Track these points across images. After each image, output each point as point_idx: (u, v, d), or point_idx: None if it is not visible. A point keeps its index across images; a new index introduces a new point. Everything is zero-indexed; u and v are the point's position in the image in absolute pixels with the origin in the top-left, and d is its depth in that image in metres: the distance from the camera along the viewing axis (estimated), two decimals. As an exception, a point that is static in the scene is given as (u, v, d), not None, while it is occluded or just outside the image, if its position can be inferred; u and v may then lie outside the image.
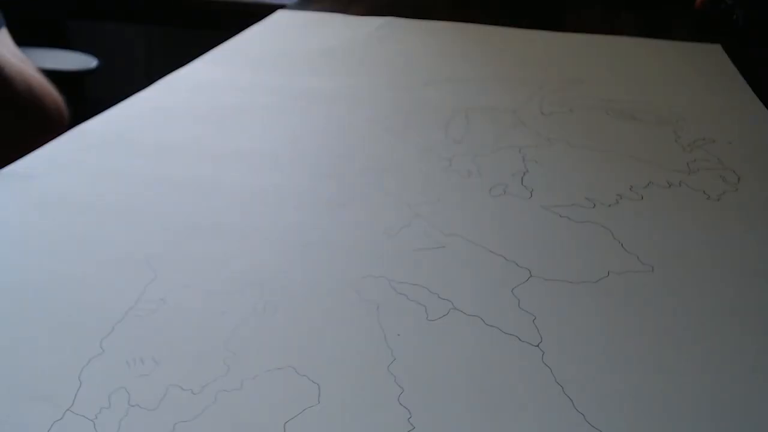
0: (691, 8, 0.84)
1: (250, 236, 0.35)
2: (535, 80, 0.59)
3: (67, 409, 0.24)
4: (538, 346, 0.28)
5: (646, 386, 0.26)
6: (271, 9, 0.81)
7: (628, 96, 0.56)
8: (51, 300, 0.30)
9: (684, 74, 0.62)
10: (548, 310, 0.30)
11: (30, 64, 0.57)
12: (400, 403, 0.25)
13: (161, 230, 0.35)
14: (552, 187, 0.41)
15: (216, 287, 0.31)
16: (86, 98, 1.46)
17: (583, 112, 0.52)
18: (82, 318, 0.29)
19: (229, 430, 0.24)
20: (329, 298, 0.31)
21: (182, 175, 0.41)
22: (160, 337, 0.28)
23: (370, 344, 0.28)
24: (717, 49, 0.69)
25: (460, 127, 0.49)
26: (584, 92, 0.56)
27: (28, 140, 0.43)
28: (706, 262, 0.34)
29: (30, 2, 1.26)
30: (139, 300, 0.30)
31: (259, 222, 0.37)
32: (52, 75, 0.60)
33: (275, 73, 0.60)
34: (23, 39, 0.63)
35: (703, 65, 0.65)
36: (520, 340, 0.28)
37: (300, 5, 0.85)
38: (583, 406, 0.25)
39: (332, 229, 0.36)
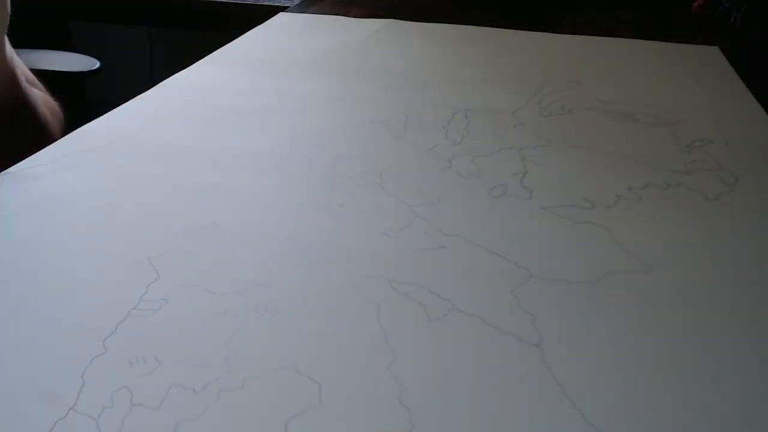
0: (688, 10, 0.84)
1: (252, 237, 0.35)
2: (534, 82, 0.59)
3: (71, 408, 0.24)
4: (538, 346, 0.28)
5: (646, 386, 0.26)
6: (272, 11, 0.82)
7: (627, 97, 0.56)
8: (54, 300, 0.30)
9: (682, 76, 0.63)
10: (548, 310, 0.30)
11: (24, 69, 0.57)
12: (401, 403, 0.25)
13: (163, 231, 0.36)
14: (551, 188, 0.41)
15: (217, 287, 0.31)
16: (88, 99, 1.46)
17: (582, 114, 0.53)
18: (84, 317, 0.29)
19: (231, 428, 0.24)
20: (330, 298, 0.31)
21: (183, 177, 0.41)
22: (162, 337, 0.28)
23: (371, 344, 0.28)
24: (714, 50, 0.69)
25: (459, 129, 0.49)
26: (583, 94, 0.57)
27: (24, 150, 0.43)
28: (705, 263, 0.34)
29: (32, 3, 1.26)
30: (141, 300, 0.30)
31: (260, 222, 0.37)
32: (55, 76, 0.60)
33: (276, 75, 0.60)
34: (25, 40, 0.63)
35: (700, 67, 0.65)
36: (519, 340, 0.28)
37: (301, 8, 0.85)
38: (583, 406, 0.25)
39: (333, 229, 0.36)
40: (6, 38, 0.48)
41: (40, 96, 0.56)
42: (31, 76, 0.58)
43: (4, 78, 0.49)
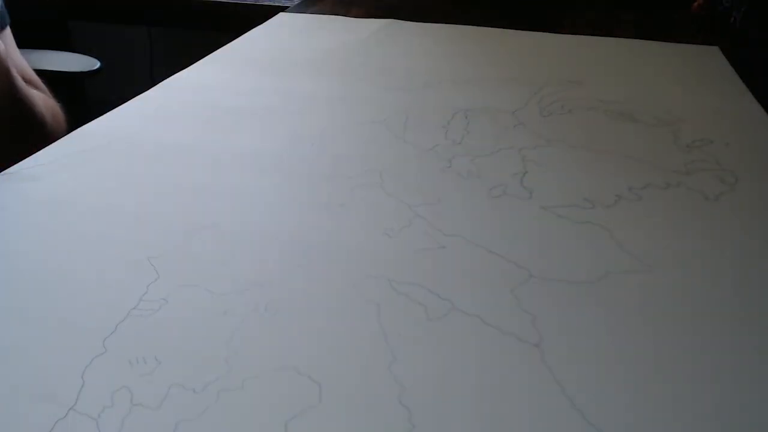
0: (688, 10, 0.85)
1: (252, 237, 0.35)
2: (534, 81, 0.59)
3: (71, 408, 0.24)
4: (538, 346, 0.28)
5: (646, 386, 0.26)
6: (272, 11, 0.82)
7: (627, 97, 0.56)
8: (54, 300, 0.30)
9: (682, 76, 0.63)
10: (548, 310, 0.30)
11: (24, 69, 0.57)
12: (401, 403, 0.25)
13: (163, 231, 0.36)
14: (551, 188, 0.41)
15: (217, 287, 0.31)
16: (88, 99, 1.46)
17: (581, 113, 0.53)
18: (84, 317, 0.29)
19: (231, 428, 0.24)
20: (330, 298, 0.31)
21: (183, 176, 0.41)
22: (162, 337, 0.28)
23: (371, 344, 0.28)
24: (714, 50, 0.69)
25: (459, 128, 0.49)
26: (583, 93, 0.57)
27: (24, 149, 0.43)
28: (704, 262, 0.34)
29: (32, 3, 1.26)
30: (141, 300, 0.30)
31: (260, 223, 0.37)
32: (55, 76, 0.60)
33: (276, 75, 0.60)
34: (26, 40, 0.63)
35: (700, 67, 0.65)
36: (519, 340, 0.28)
37: (301, 8, 0.85)
38: (583, 406, 0.25)
39: (333, 229, 0.36)
40: (1, 38, 0.48)
41: (39, 96, 0.57)
42: (31, 76, 0.58)
43: None
